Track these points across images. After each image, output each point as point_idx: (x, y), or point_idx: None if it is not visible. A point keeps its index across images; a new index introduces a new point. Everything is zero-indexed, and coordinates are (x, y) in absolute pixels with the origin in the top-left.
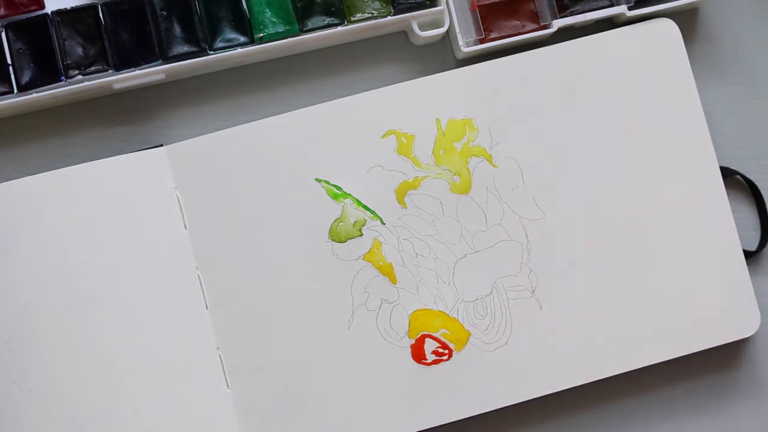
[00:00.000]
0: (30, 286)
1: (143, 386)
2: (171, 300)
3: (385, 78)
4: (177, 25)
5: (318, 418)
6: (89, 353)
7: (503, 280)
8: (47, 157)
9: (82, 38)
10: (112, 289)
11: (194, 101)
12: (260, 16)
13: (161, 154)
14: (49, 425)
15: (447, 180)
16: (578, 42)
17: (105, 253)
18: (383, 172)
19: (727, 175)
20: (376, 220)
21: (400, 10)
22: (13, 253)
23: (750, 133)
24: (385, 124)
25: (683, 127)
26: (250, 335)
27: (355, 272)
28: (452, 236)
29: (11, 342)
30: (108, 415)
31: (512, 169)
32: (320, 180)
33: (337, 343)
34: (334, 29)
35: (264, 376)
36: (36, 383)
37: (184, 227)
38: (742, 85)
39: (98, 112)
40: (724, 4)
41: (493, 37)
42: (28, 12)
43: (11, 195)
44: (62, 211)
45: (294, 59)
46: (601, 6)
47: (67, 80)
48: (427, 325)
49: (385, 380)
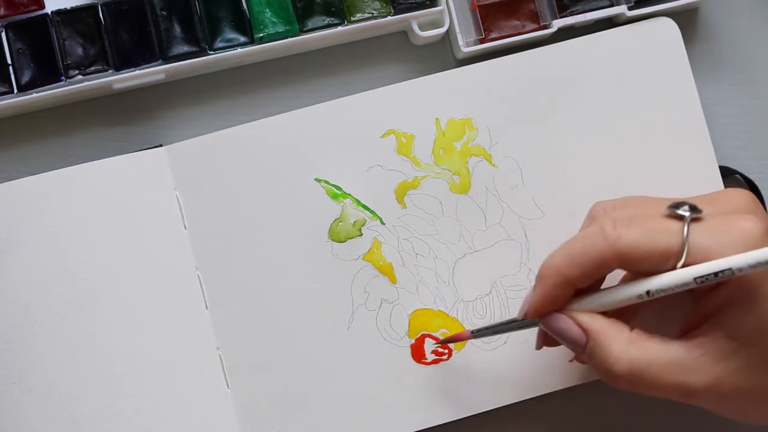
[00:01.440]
0: (30, 286)
1: (143, 386)
2: (171, 300)
3: (385, 78)
4: (177, 25)
5: (318, 418)
6: (89, 353)
7: (503, 279)
8: (47, 157)
9: (82, 38)
10: (112, 289)
11: (194, 101)
12: (260, 16)
13: (161, 154)
14: (49, 425)
15: (446, 180)
16: (578, 41)
17: (105, 253)
18: (383, 171)
19: (727, 175)
20: (375, 220)
21: (400, 10)
22: (13, 253)
23: (750, 133)
24: (384, 123)
25: (683, 126)
26: (250, 335)
27: (355, 272)
28: (452, 236)
29: (11, 342)
30: (108, 415)
31: (512, 168)
32: (320, 180)
33: (337, 343)
34: (334, 29)
35: (264, 376)
36: (36, 383)
37: (184, 227)
38: (742, 85)
39: (98, 112)
40: (724, 4)
41: (493, 37)
42: (28, 12)
43: (11, 195)
44: (62, 211)
45: (294, 59)
46: (601, 6)
47: (67, 80)
48: (426, 324)
49: (385, 380)
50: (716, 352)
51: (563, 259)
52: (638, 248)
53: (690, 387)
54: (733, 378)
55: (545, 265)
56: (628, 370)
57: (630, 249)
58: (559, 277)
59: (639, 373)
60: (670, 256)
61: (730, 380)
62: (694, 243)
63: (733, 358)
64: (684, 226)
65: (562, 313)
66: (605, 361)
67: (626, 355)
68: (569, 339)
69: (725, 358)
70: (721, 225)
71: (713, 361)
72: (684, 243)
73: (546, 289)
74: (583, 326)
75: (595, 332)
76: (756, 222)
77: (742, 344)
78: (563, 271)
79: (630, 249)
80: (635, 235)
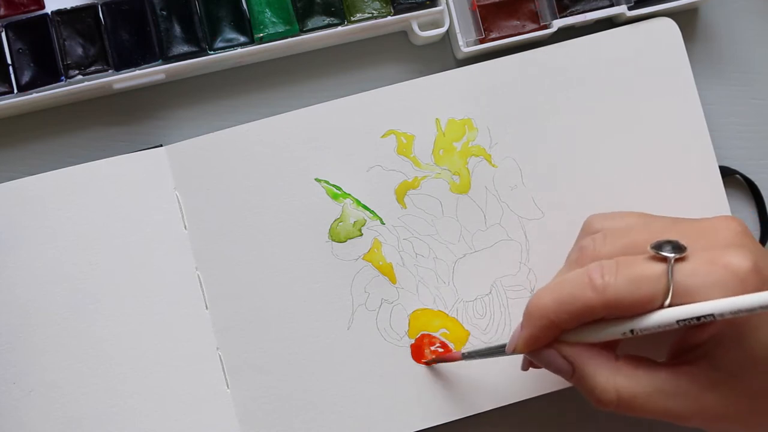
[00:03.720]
0: (30, 286)
1: (143, 386)
2: (171, 300)
3: (385, 78)
4: (177, 25)
5: (318, 418)
6: (89, 353)
7: (502, 279)
8: (47, 157)
9: (82, 38)
10: (112, 289)
11: (194, 101)
12: (260, 16)
13: (161, 154)
14: (49, 425)
15: (446, 180)
16: (578, 41)
17: (105, 253)
18: (383, 172)
19: (727, 175)
20: (375, 220)
21: (400, 10)
22: (13, 253)
23: (750, 133)
24: (384, 124)
25: (683, 126)
26: (250, 335)
27: (355, 272)
28: (452, 236)
29: (11, 342)
30: (108, 415)
31: (511, 168)
32: (320, 180)
33: (337, 343)
34: (334, 29)
35: (264, 376)
36: (36, 383)
37: (184, 227)
38: (742, 85)
39: (98, 112)
40: (724, 4)
41: (493, 37)
42: (28, 12)
43: (11, 195)
44: (62, 211)
45: (294, 59)
46: (601, 6)
47: (67, 80)
48: (426, 324)
49: (385, 380)
50: (702, 381)
51: (552, 304)
52: (625, 298)
53: (678, 413)
54: (719, 407)
55: (534, 306)
56: (615, 399)
57: (617, 300)
58: (546, 321)
59: (626, 401)
60: (655, 300)
61: (716, 409)
62: (678, 284)
63: (718, 388)
64: (668, 268)
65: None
66: (592, 391)
67: (612, 386)
68: (554, 370)
69: (711, 389)
70: (706, 264)
71: (699, 390)
72: (668, 287)
73: (534, 331)
74: (568, 359)
75: (580, 364)
76: (743, 257)
77: (729, 376)
78: (551, 315)
79: (617, 300)
80: (621, 284)
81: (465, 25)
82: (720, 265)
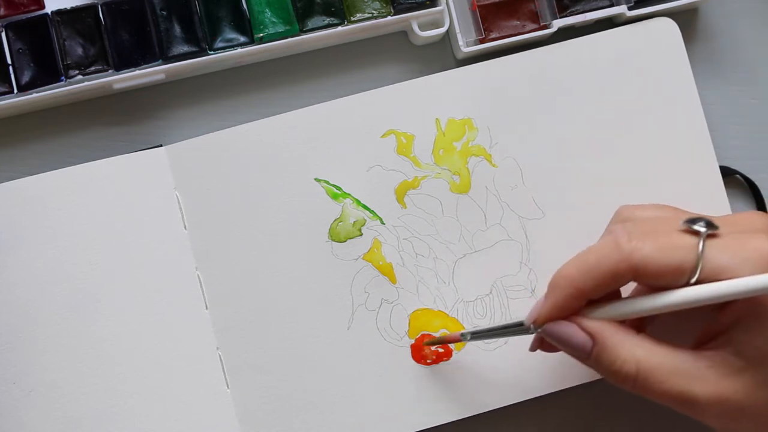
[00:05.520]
0: (30, 286)
1: (143, 386)
2: (171, 300)
3: (385, 78)
4: (177, 25)
5: (318, 418)
6: (89, 353)
7: (503, 279)
8: (47, 157)
9: (82, 38)
10: (112, 289)
11: (194, 101)
12: (260, 16)
13: (161, 154)
14: (49, 425)
15: (446, 180)
16: (578, 42)
17: (105, 253)
18: (383, 171)
19: (727, 175)
20: (375, 220)
21: (400, 10)
22: (13, 253)
23: (750, 133)
24: (384, 123)
25: (683, 127)
26: (250, 335)
27: (355, 272)
28: (452, 236)
29: (11, 342)
30: (108, 415)
31: (512, 168)
32: (320, 180)
33: (337, 343)
34: (334, 29)
35: (264, 376)
36: (36, 383)
37: (184, 227)
38: (742, 85)
39: (98, 112)
40: (724, 4)
41: (493, 37)
42: (28, 12)
43: (11, 195)
44: (62, 211)
45: (294, 59)
46: (601, 6)
47: (67, 80)
48: (426, 324)
49: (385, 380)
50: (723, 367)
51: (577, 271)
52: (652, 263)
53: (694, 397)
54: (738, 395)
55: (559, 275)
56: (635, 371)
57: (644, 263)
58: (572, 289)
59: (645, 375)
60: (684, 271)
61: (734, 397)
62: (708, 259)
63: (739, 375)
64: (699, 241)
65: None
66: (613, 363)
67: (633, 357)
68: (573, 345)
69: (731, 375)
70: (736, 243)
71: (719, 375)
72: (698, 259)
73: (558, 299)
74: (589, 331)
75: (602, 336)
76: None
77: (750, 363)
78: (577, 282)
79: (644, 263)
80: (650, 249)
81: (465, 25)
82: (750, 246)
